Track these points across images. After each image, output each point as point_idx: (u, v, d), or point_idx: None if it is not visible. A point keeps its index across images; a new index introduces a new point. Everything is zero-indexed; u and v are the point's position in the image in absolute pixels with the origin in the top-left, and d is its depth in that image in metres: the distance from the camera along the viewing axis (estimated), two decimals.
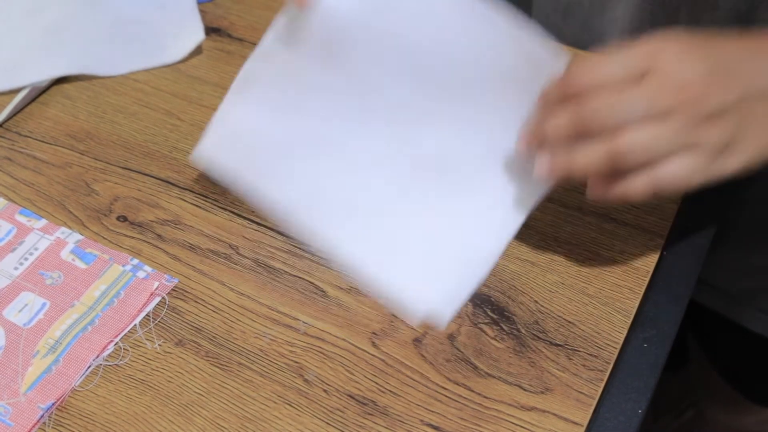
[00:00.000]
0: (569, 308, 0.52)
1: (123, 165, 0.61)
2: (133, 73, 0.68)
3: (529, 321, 0.51)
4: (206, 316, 0.52)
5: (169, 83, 0.67)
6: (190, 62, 0.68)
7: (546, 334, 0.50)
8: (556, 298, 0.52)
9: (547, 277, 0.53)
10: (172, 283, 0.54)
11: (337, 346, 0.51)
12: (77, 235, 0.57)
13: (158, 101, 0.66)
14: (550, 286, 0.53)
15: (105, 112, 0.65)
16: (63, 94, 0.67)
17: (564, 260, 0.54)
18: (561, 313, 0.51)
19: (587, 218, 0.56)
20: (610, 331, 0.50)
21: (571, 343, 0.50)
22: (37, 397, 0.48)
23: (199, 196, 0.59)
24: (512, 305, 0.52)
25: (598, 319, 0.51)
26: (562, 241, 0.54)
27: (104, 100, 0.66)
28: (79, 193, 0.59)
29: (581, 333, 0.50)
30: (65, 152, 0.62)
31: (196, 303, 0.53)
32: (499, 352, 0.50)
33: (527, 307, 0.52)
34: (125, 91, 0.67)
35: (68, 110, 0.66)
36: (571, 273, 0.53)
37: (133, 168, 0.61)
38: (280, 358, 0.50)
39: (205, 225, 0.57)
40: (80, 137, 0.63)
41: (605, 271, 0.53)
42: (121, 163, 0.61)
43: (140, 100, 0.66)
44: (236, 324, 0.52)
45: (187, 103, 0.65)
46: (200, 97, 0.66)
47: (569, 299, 0.52)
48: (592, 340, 0.50)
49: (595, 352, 0.49)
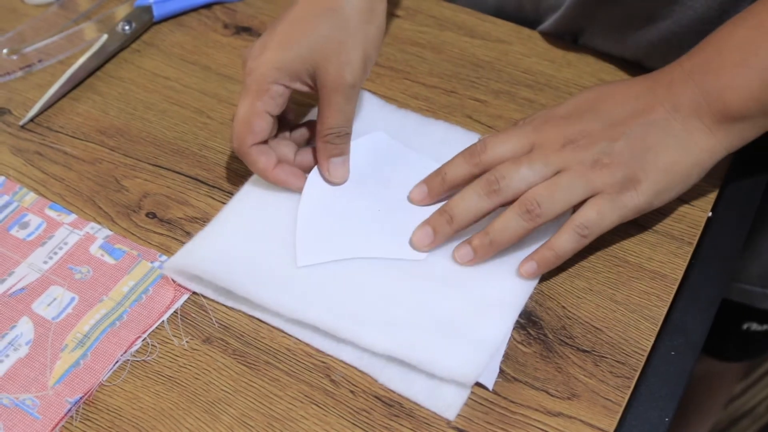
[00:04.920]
0: (597, 314, 0.51)
1: (153, 162, 0.61)
2: (163, 70, 0.68)
3: (557, 326, 0.50)
4: (233, 313, 0.52)
5: (199, 81, 0.67)
6: (221, 61, 0.69)
7: (573, 339, 0.50)
8: (583, 304, 0.52)
9: (575, 283, 0.53)
10: None
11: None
12: (106, 231, 0.56)
13: (188, 99, 0.66)
14: (578, 292, 0.52)
15: (135, 108, 0.65)
16: (93, 90, 0.67)
17: (592, 266, 0.53)
18: (589, 319, 0.51)
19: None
20: (638, 338, 0.50)
21: (598, 349, 0.49)
22: (65, 390, 0.48)
23: (228, 194, 0.59)
24: (540, 310, 0.51)
25: (626, 326, 0.50)
26: (591, 247, 0.53)
27: (134, 97, 0.66)
28: (108, 189, 0.59)
29: (609, 339, 0.50)
30: (95, 148, 0.62)
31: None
32: (526, 356, 0.49)
33: (555, 313, 0.51)
34: (155, 89, 0.67)
35: (99, 106, 0.66)
36: (599, 279, 0.53)
37: (162, 165, 0.61)
38: (307, 357, 0.50)
39: None
40: (110, 133, 0.63)
41: (633, 278, 0.53)
42: (151, 160, 0.61)
43: (170, 97, 0.66)
44: (263, 323, 0.51)
45: (216, 102, 0.65)
46: (230, 95, 0.66)
47: (597, 305, 0.52)
48: (620, 347, 0.49)
49: (622, 359, 0.49)
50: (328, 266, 0.52)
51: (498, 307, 0.50)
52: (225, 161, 0.61)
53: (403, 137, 0.59)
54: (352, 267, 0.52)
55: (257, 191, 0.56)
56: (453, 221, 0.51)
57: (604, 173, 0.49)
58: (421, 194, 0.54)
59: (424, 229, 0.52)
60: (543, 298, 0.52)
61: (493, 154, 0.52)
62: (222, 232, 0.54)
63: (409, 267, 0.52)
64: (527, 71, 0.66)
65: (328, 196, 0.55)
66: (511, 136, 0.52)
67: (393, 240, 0.53)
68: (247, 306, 0.51)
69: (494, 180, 0.50)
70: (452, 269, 0.52)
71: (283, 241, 0.53)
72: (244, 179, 0.58)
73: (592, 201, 0.49)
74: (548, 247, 0.50)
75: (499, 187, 0.50)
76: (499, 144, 0.52)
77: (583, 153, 0.50)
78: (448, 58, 0.68)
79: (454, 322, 0.49)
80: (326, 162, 0.55)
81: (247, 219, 0.55)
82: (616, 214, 0.50)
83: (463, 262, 0.52)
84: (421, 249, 0.52)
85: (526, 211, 0.49)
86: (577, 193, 0.50)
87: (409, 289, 0.51)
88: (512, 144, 0.52)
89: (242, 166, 0.58)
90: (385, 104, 0.62)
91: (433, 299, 0.50)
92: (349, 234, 0.53)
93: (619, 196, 0.49)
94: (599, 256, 0.54)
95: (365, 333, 0.48)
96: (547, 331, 0.50)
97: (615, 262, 0.54)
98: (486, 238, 0.51)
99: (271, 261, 0.52)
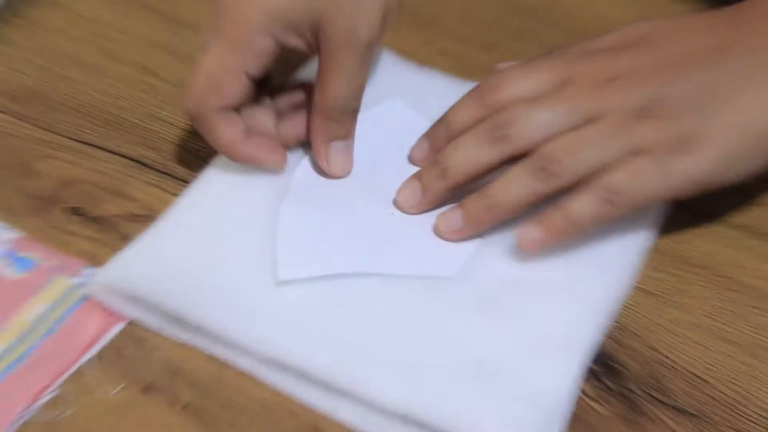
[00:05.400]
0: (703, 359, 0.47)
1: (78, 137, 0.58)
2: (96, 11, 0.66)
3: (645, 376, 0.47)
4: (186, 351, 0.48)
5: (145, 27, 0.66)
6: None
7: (669, 396, 0.46)
8: (683, 345, 0.48)
9: (670, 314, 0.49)
10: None
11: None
12: (10, 233, 0.53)
13: (129, 51, 0.64)
14: (674, 327, 0.49)
15: (55, 63, 0.63)
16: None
17: (695, 290, 0.50)
18: (691, 366, 0.47)
19: (726, 232, 0.53)
20: (761, 394, 0.46)
21: (706, 411, 0.45)
22: None
23: (182, 182, 0.56)
24: (621, 352, 0.48)
25: (743, 377, 0.47)
26: (693, 263, 0.51)
27: (54, 48, 0.64)
28: (14, 174, 0.56)
29: (720, 396, 0.46)
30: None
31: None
32: (602, 420, 0.45)
33: (642, 356, 0.48)
34: (84, 36, 0.65)
35: (3, 59, 0.63)
36: (705, 309, 0.50)
37: (91, 142, 0.58)
38: (290, 416, 0.45)
39: None
40: (19, 97, 0.61)
41: (752, 308, 0.50)
42: (76, 135, 0.59)
43: (104, 49, 0.64)
44: (228, 365, 0.47)
45: (168, 56, 0.64)
46: (187, 48, 0.63)
47: (703, 347, 0.48)
48: (736, 408, 0.45)
49: (741, 425, 0.45)
50: (320, 284, 0.49)
51: (559, 347, 0.47)
52: (179, 137, 0.58)
53: (426, 108, 0.58)
54: (352, 287, 0.49)
55: (223, 179, 0.54)
56: (446, 175, 0.50)
57: (652, 126, 0.47)
58: (422, 151, 0.54)
59: (412, 184, 0.52)
60: (625, 335, 0.48)
61: (509, 91, 0.50)
62: (173, 235, 0.52)
63: (431, 288, 0.49)
64: (590, 21, 0.65)
65: (323, 189, 0.54)
66: (535, 69, 0.51)
67: (409, 250, 0.51)
68: (205, 340, 0.48)
69: (502, 124, 0.49)
70: (492, 291, 0.49)
71: (258, 249, 0.51)
72: (206, 163, 0.55)
73: (629, 160, 0.47)
74: (558, 208, 0.48)
75: (505, 133, 0.49)
76: (518, 79, 0.51)
77: (626, 96, 0.48)
78: (486, 3, 0.68)
79: (496, 367, 0.46)
80: (325, 147, 0.54)
81: (209, 218, 0.52)
82: (662, 183, 0.47)
83: (449, 233, 0.50)
84: (407, 210, 0.52)
85: (539, 168, 0.47)
86: (610, 149, 0.47)
87: (432, 320, 0.48)
88: (535, 80, 0.50)
89: (204, 145, 0.55)
90: (403, 63, 0.62)
91: (465, 334, 0.47)
92: (350, 241, 0.52)
93: (668, 159, 0.47)
94: (705, 275, 0.51)
95: (371, 381, 0.45)
96: (631, 382, 0.46)
97: (727, 284, 0.51)
98: (483, 200, 0.49)
99: (240, 276, 0.49)
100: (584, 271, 0.50)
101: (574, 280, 0.49)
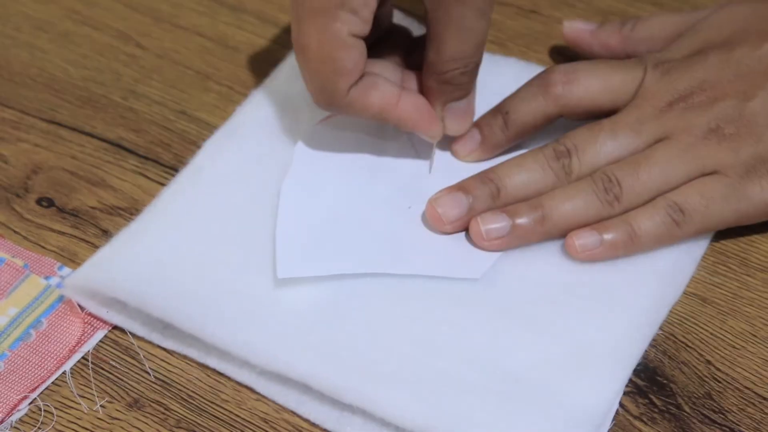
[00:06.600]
0: (762, 375, 0.50)
1: (48, 117, 0.61)
2: None
3: (698, 393, 0.49)
4: (177, 361, 0.51)
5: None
6: None
7: (724, 415, 0.49)
8: (741, 358, 0.51)
9: (727, 324, 0.52)
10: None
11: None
12: None
13: (106, 16, 0.65)
14: (732, 338, 0.52)
15: (20, 30, 0.65)
16: None
17: (756, 297, 0.53)
18: (750, 381, 0.50)
19: None
20: None
21: (765, 431, 0.48)
22: None
23: (169, 169, 0.58)
24: (669, 366, 0.50)
25: None
26: (754, 266, 0.53)
27: (18, 11, 0.66)
28: None
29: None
30: None
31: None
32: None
33: (695, 371, 0.50)
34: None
35: None
36: (766, 318, 0.52)
37: (64, 123, 0.60)
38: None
39: None
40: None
41: None
42: (46, 115, 0.61)
43: (78, 13, 0.66)
44: (224, 377, 0.50)
45: (153, 22, 0.66)
46: (175, 12, 0.66)
47: (764, 360, 0.51)
48: None
49: None
50: (326, 285, 0.51)
51: (602, 360, 0.49)
52: (164, 117, 0.60)
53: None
54: (362, 289, 0.52)
55: (216, 166, 0.56)
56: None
57: (723, 147, 0.51)
58: (473, 144, 0.57)
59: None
60: (675, 346, 0.51)
61: (581, 89, 0.54)
62: (159, 231, 0.54)
63: (453, 292, 0.52)
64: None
65: (331, 174, 0.56)
66: (616, 70, 0.55)
67: (428, 248, 0.53)
68: (198, 349, 0.51)
69: (563, 152, 0.53)
70: (524, 297, 0.52)
71: (256, 245, 0.53)
72: (196, 147, 0.58)
73: (699, 181, 0.51)
74: (623, 221, 0.52)
75: (568, 164, 0.53)
76: (591, 77, 0.55)
77: (696, 115, 0.51)
78: None
79: (530, 381, 0.48)
80: (441, 109, 0.55)
81: (200, 210, 0.55)
82: (732, 207, 0.51)
83: (488, 241, 0.52)
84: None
85: (602, 189, 0.52)
86: (677, 172, 0.51)
87: (453, 328, 0.50)
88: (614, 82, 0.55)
89: (193, 126, 0.59)
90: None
91: (495, 344, 0.50)
92: (361, 236, 0.54)
93: (741, 183, 0.51)
94: (767, 280, 0.53)
95: (386, 397, 0.48)
96: (681, 399, 0.49)
97: None
98: (536, 212, 0.52)
99: (235, 277, 0.52)
100: (632, 276, 0.52)
101: (620, 286, 0.52)
